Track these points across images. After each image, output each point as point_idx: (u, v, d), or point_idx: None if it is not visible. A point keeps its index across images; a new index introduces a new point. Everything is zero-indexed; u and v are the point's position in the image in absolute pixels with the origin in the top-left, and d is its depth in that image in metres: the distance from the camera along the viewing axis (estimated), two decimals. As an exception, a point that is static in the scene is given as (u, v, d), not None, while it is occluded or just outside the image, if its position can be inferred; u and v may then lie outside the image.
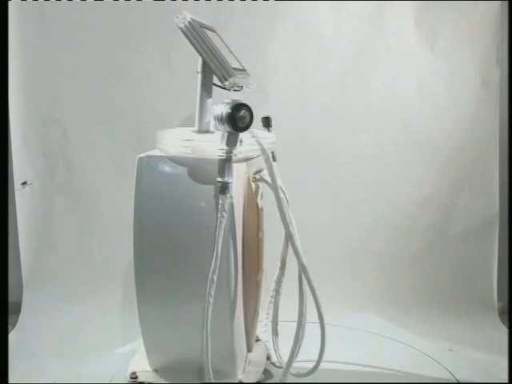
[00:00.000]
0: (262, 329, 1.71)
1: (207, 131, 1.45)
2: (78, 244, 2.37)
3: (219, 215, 1.32)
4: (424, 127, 2.41)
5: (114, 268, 2.35)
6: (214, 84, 1.47)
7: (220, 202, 1.32)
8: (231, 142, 1.32)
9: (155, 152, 1.50)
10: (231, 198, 1.35)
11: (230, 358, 1.47)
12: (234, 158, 1.32)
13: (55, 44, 2.27)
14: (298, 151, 2.28)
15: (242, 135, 1.36)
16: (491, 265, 2.43)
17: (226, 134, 1.33)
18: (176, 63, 2.29)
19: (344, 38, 2.35)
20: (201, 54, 1.42)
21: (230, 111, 1.30)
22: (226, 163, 1.32)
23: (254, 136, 1.40)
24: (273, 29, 2.30)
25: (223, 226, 1.32)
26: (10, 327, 2.15)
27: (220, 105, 1.34)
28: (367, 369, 1.74)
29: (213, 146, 1.35)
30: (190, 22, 1.41)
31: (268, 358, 1.67)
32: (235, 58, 1.58)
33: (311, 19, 2.33)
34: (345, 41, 2.35)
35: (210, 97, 1.47)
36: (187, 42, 1.47)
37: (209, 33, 1.48)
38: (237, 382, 1.48)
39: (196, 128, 1.47)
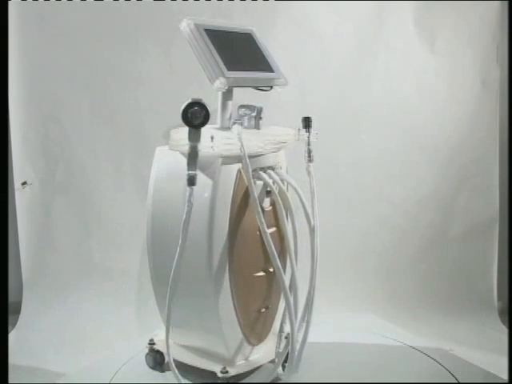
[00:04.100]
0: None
1: (228, 128, 1.54)
2: (77, 244, 2.37)
3: (186, 205, 1.38)
4: (424, 127, 2.41)
5: (113, 268, 2.35)
6: (257, 88, 1.60)
7: (188, 193, 1.38)
8: (192, 137, 1.38)
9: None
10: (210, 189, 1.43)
11: (219, 343, 1.54)
12: (199, 151, 1.38)
13: (55, 44, 2.27)
14: (297, 151, 2.28)
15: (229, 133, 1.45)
16: (491, 265, 2.43)
17: (188, 129, 1.39)
18: (176, 63, 2.29)
19: (344, 37, 2.35)
20: (196, 57, 1.49)
21: (183, 108, 1.36)
22: (190, 157, 1.38)
23: (238, 134, 1.44)
24: (273, 29, 2.31)
25: (190, 215, 1.38)
26: (10, 327, 2.15)
27: (185, 102, 1.40)
28: (367, 369, 1.74)
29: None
30: (189, 28, 1.49)
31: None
32: (266, 59, 1.63)
33: (311, 19, 2.33)
34: (345, 41, 2.35)
35: (231, 99, 1.56)
36: (187, 42, 1.52)
37: (230, 35, 1.57)
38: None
39: (218, 126, 1.58)
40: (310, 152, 1.67)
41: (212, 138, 1.43)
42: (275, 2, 2.29)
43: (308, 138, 1.67)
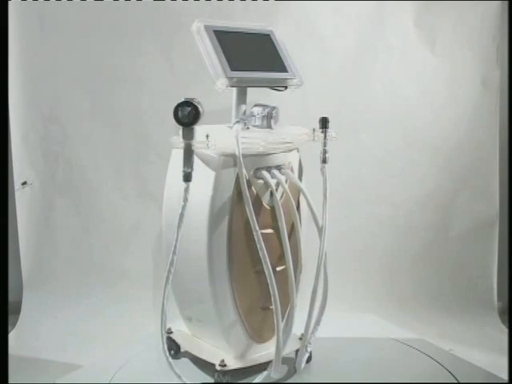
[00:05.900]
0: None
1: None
2: (77, 244, 2.37)
3: (182, 200, 1.42)
4: (424, 127, 2.41)
5: (113, 267, 2.35)
6: (273, 88, 1.65)
7: (183, 188, 1.41)
8: (186, 135, 1.41)
9: None
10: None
11: (220, 337, 1.57)
12: (194, 149, 1.41)
13: (55, 44, 2.27)
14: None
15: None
16: (491, 265, 2.43)
17: (181, 128, 1.42)
18: (176, 63, 2.29)
19: (344, 37, 2.35)
20: (204, 58, 1.51)
21: (174, 107, 1.39)
22: (185, 154, 1.41)
23: (236, 133, 1.45)
24: (273, 28, 2.30)
25: (184, 211, 1.42)
26: (10, 327, 2.15)
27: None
28: (367, 369, 1.74)
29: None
30: (199, 29, 1.51)
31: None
32: (281, 59, 1.65)
33: (311, 19, 2.33)
34: (345, 41, 2.36)
35: (244, 102, 1.59)
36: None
37: (243, 36, 1.60)
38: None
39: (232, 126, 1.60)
40: (324, 153, 1.67)
41: (207, 136, 1.44)
42: (275, 2, 2.29)
43: (324, 138, 1.66)
